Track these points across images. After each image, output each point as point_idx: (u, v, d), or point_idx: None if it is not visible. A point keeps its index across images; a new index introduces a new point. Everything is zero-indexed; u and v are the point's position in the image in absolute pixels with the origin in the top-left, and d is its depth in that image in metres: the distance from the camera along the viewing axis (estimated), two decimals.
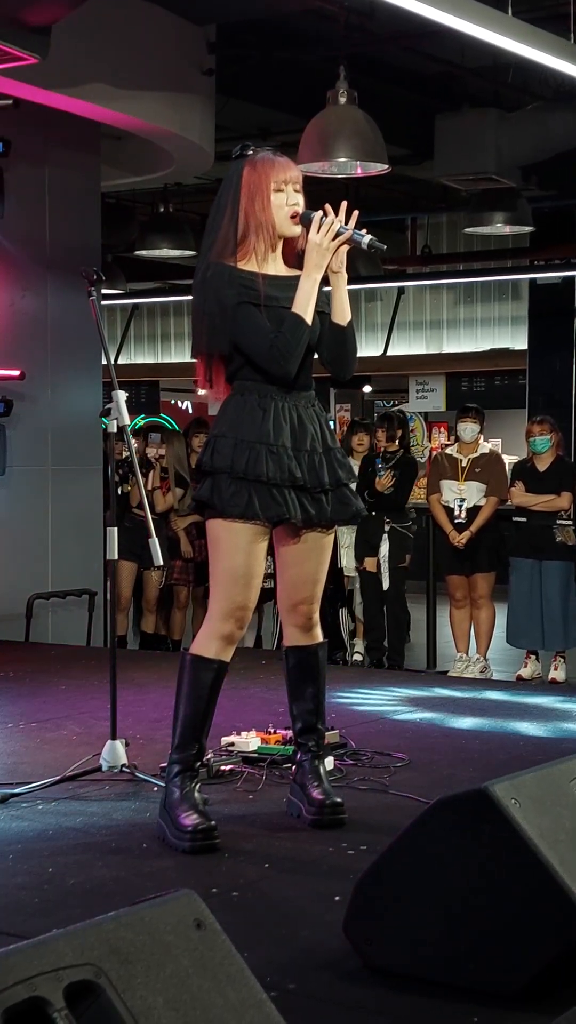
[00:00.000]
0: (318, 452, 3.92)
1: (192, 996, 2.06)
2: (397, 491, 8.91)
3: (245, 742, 4.82)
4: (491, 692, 6.80)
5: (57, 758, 4.82)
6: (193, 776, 3.90)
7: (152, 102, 7.99)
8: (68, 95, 7.46)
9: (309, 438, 3.92)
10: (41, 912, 3.30)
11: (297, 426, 3.92)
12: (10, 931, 3.09)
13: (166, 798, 3.87)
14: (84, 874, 3.58)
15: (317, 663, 4.08)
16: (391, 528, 8.87)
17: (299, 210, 3.97)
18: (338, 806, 4.00)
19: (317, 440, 3.94)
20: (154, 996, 2.03)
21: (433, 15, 5.88)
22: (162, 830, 3.85)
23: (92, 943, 2.03)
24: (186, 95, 8.27)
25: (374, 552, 8.88)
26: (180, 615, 9.34)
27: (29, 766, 4.77)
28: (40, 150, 8.59)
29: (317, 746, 4.10)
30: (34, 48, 6.16)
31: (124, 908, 2.12)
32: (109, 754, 4.51)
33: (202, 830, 3.74)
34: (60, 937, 2.04)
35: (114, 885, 3.49)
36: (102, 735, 4.73)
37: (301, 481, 3.86)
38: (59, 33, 6.39)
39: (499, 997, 2.66)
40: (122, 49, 7.69)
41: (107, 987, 1.99)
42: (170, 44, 8.10)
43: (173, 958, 2.09)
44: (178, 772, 3.88)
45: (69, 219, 8.88)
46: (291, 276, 3.95)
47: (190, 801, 3.82)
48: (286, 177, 3.95)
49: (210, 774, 4.54)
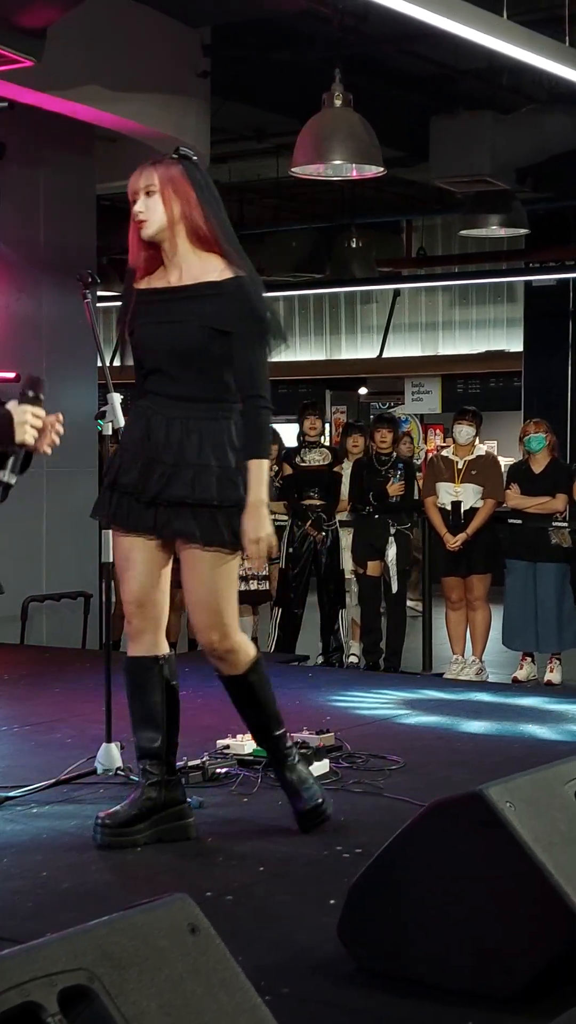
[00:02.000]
0: (168, 464, 3.80)
1: (186, 1001, 2.05)
2: (404, 494, 8.93)
3: (240, 745, 4.82)
4: (487, 694, 6.80)
5: (51, 761, 4.81)
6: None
7: (146, 104, 7.99)
8: (62, 97, 7.45)
9: (173, 450, 3.81)
10: (35, 916, 3.29)
11: (163, 437, 3.83)
12: (3, 935, 3.08)
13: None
14: (78, 878, 3.58)
15: (240, 691, 4.00)
16: (397, 531, 8.86)
17: (143, 218, 3.88)
18: (316, 812, 3.98)
19: (185, 453, 3.80)
20: (147, 1001, 2.02)
21: (428, 18, 5.89)
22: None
23: (85, 948, 2.02)
24: (181, 97, 8.26)
25: (377, 556, 8.87)
26: (175, 617, 9.33)
27: (23, 769, 4.76)
28: (35, 152, 8.59)
29: (281, 752, 4.05)
30: (29, 51, 6.16)
31: (118, 913, 2.11)
32: (104, 757, 4.51)
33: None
34: (53, 942, 2.03)
35: (108, 889, 3.49)
36: (96, 738, 4.73)
37: (129, 488, 3.86)
38: (53, 35, 6.39)
39: (495, 1000, 2.66)
40: (117, 51, 7.69)
41: (101, 992, 1.98)
42: (165, 46, 8.09)
43: (167, 963, 2.09)
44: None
45: (64, 221, 8.87)
46: (161, 288, 3.90)
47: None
48: (134, 188, 3.90)
49: (205, 777, 4.54)
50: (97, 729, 4.83)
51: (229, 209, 4.40)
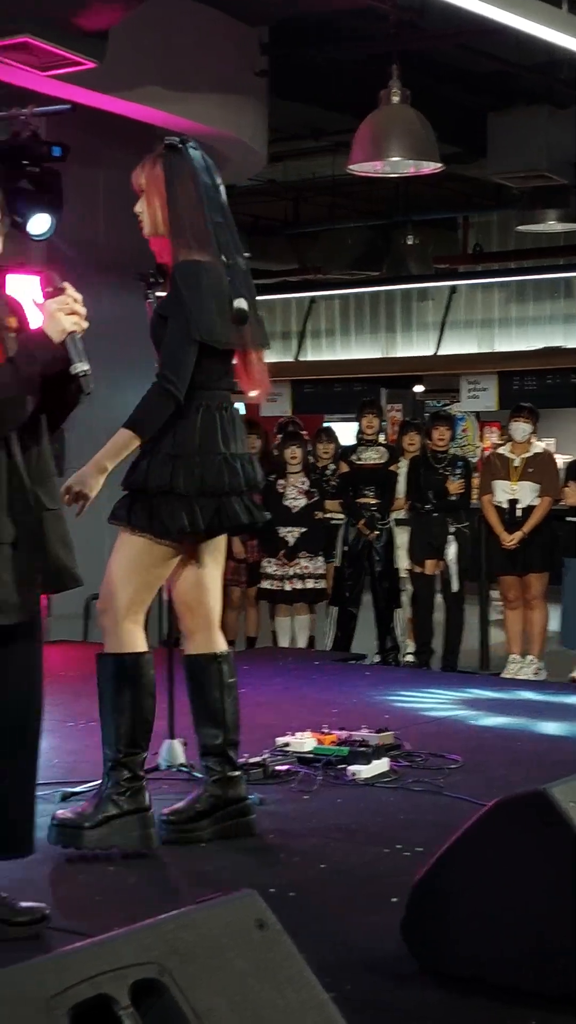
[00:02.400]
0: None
1: (252, 997, 2.08)
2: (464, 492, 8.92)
3: (300, 742, 4.84)
4: (544, 694, 6.78)
5: None
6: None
7: (206, 104, 8.02)
8: (123, 98, 7.52)
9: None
10: (102, 911, 3.33)
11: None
12: (72, 929, 3.13)
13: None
14: (144, 873, 3.61)
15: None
16: (456, 529, 8.84)
17: (140, 219, 4.03)
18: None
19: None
20: (216, 996, 2.05)
21: (487, 11, 5.86)
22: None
23: (155, 942, 2.05)
24: (239, 96, 8.30)
25: (435, 554, 8.85)
26: (232, 615, 9.37)
27: (88, 765, 4.80)
28: (95, 153, 8.64)
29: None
30: (91, 52, 6.22)
31: (186, 908, 2.14)
32: (167, 753, 4.55)
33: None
34: (124, 936, 2.06)
35: (173, 884, 3.53)
36: (159, 734, 4.75)
37: None
38: (113, 37, 6.44)
39: (559, 1001, 2.66)
40: (176, 52, 7.73)
41: (171, 986, 2.01)
42: (223, 46, 8.13)
43: (234, 958, 2.11)
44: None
45: (123, 222, 8.89)
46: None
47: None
48: (133, 187, 4.07)
49: (266, 774, 4.57)
50: (159, 725, 4.86)
51: (284, 208, 4.42)
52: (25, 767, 3.13)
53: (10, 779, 3.08)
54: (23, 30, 6.22)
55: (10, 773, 3.08)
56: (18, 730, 3.12)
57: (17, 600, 3.05)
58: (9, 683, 3.10)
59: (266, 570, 8.86)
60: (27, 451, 3.09)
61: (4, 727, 3.08)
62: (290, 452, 8.90)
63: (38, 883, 3.48)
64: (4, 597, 3.02)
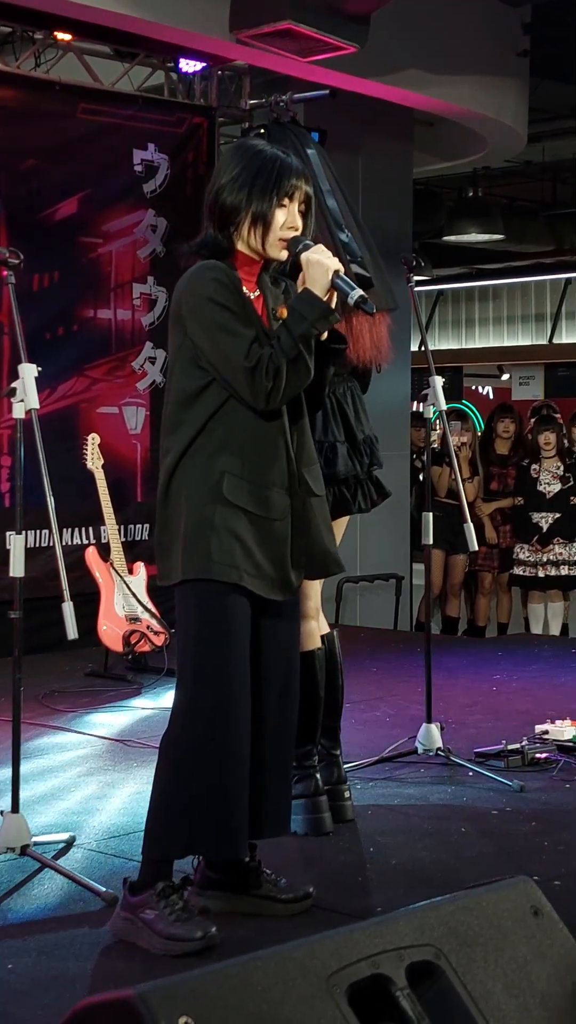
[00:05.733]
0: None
1: (531, 983, 2.06)
2: None
3: (560, 730, 4.77)
4: None
5: (372, 739, 4.88)
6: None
7: (466, 86, 7.95)
8: (383, 83, 7.51)
9: None
10: (364, 891, 3.36)
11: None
12: (335, 908, 3.16)
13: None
14: (404, 855, 3.62)
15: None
16: None
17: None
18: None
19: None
20: (493, 981, 2.04)
21: None
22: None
23: (433, 924, 2.05)
24: (500, 78, 8.19)
25: None
26: (484, 601, 9.30)
27: (347, 745, 4.79)
28: (355, 138, 8.67)
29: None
30: (353, 37, 6.23)
31: (462, 891, 2.14)
32: (424, 737, 4.55)
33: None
34: (400, 917, 2.07)
35: (434, 868, 3.51)
36: (415, 718, 4.77)
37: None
38: (374, 21, 6.43)
39: None
40: (437, 34, 7.68)
41: (447, 969, 2.01)
42: (485, 27, 8.04)
43: (511, 944, 2.10)
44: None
45: (382, 206, 8.92)
46: None
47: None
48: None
49: (524, 761, 4.53)
50: (415, 709, 4.88)
51: (542, 189, 4.18)
52: (286, 755, 3.15)
53: (271, 764, 3.10)
54: (286, 16, 6.27)
55: (272, 759, 3.10)
56: (281, 714, 3.12)
57: (291, 578, 3.08)
58: (273, 663, 3.10)
59: (519, 556, 8.76)
60: (292, 435, 3.11)
61: (267, 713, 3.08)
62: (544, 437, 8.77)
63: (296, 863, 3.52)
64: (278, 574, 3.04)
